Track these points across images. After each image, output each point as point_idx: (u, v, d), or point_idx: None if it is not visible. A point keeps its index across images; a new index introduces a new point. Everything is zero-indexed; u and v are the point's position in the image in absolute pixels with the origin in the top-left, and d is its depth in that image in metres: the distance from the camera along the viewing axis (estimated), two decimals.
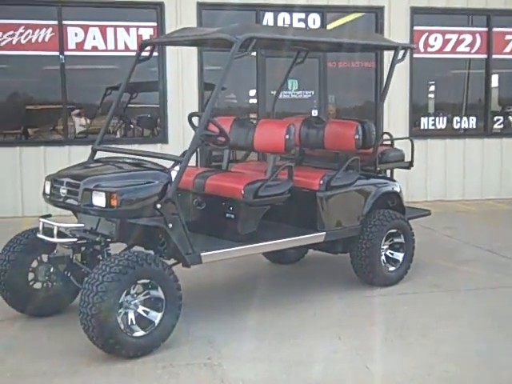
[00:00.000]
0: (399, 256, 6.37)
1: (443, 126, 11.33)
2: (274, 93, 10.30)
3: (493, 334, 5.16)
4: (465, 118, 11.38)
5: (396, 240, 6.36)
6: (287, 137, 5.61)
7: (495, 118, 11.53)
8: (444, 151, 11.20)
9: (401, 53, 6.47)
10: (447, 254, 7.53)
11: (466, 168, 11.25)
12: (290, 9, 10.60)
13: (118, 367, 4.48)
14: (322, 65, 10.67)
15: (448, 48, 11.17)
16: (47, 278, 5.33)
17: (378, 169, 6.36)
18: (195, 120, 5.52)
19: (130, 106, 10.89)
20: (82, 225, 5.05)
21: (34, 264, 5.31)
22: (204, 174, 5.79)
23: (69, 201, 4.96)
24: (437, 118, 11.28)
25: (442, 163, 11.17)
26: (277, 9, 10.54)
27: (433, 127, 11.28)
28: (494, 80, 11.82)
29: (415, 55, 10.93)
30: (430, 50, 11.10)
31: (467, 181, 11.22)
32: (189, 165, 6.04)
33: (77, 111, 10.62)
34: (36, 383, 4.28)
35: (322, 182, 5.89)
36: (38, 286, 5.36)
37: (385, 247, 6.29)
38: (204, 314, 5.50)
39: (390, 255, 6.35)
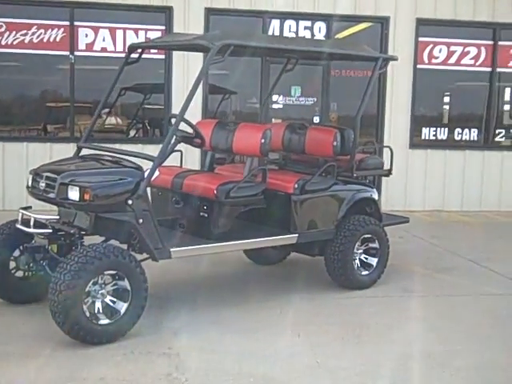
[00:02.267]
0: (373, 261, 6.56)
1: (444, 137, 11.43)
2: (277, 99, 10.87)
3: (451, 337, 5.33)
4: (466, 130, 11.47)
5: (371, 245, 6.54)
6: (263, 141, 5.85)
7: (497, 131, 11.59)
8: (444, 162, 11.30)
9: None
10: (428, 262, 7.68)
11: (465, 179, 11.34)
12: (296, 16, 10.80)
13: (82, 352, 4.74)
14: (326, 72, 10.86)
15: (452, 60, 11.28)
16: (28, 267, 5.60)
17: (355, 175, 6.54)
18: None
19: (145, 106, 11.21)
20: (56, 217, 5.34)
21: (17, 253, 5.59)
22: (183, 174, 6.05)
23: (47, 194, 5.24)
24: (438, 129, 11.38)
25: (441, 174, 11.27)
26: (283, 16, 10.74)
27: (434, 138, 11.39)
28: (507, 93, 11.91)
29: (419, 66, 11.10)
30: (434, 61, 11.22)
31: (466, 192, 11.30)
32: (172, 165, 6.41)
33: (106, 110, 10.94)
34: (2, 364, 4.54)
35: (296, 185, 6.10)
36: (19, 274, 5.65)
37: (359, 251, 6.48)
38: (178, 307, 5.75)
39: (365, 259, 6.54)
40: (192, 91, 5.34)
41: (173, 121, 5.81)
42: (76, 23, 10.15)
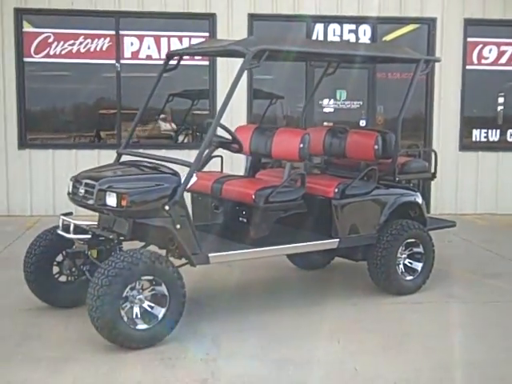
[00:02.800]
0: (418, 266, 6.41)
1: (496, 139, 11.14)
2: (321, 103, 10.79)
3: (496, 345, 5.15)
4: None
5: (415, 250, 6.40)
6: (301, 145, 5.79)
7: None
8: (496, 164, 11.01)
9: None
10: (477, 267, 7.47)
11: None
12: (340, 20, 10.71)
13: (120, 356, 4.76)
14: (371, 75, 10.73)
15: (503, 60, 11.00)
16: (70, 272, 5.66)
17: (397, 179, 6.41)
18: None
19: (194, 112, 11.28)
20: (95, 223, 5.39)
21: (59, 258, 5.68)
22: (222, 179, 6.03)
23: (86, 200, 5.30)
24: (490, 131, 11.10)
25: (493, 176, 10.98)
26: (327, 20, 10.67)
27: (485, 140, 11.11)
28: None
29: (468, 67, 10.85)
30: (484, 61, 10.95)
31: None
32: (213, 170, 6.42)
33: (163, 116, 11.08)
34: (41, 367, 4.60)
35: (336, 190, 6.02)
36: (62, 278, 5.73)
37: (403, 256, 6.35)
38: (217, 312, 5.73)
39: (409, 264, 6.40)
40: (228, 97, 5.31)
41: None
42: (121, 32, 10.31)
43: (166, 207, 5.11)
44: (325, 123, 10.55)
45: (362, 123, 10.79)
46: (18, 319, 5.53)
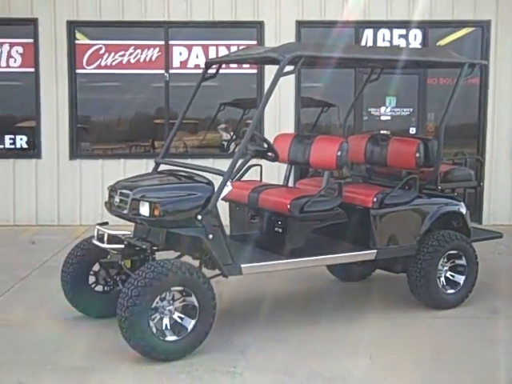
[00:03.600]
0: (460, 279, 6.20)
1: None
2: (371, 110, 10.62)
3: None
4: None
5: (457, 262, 6.20)
6: (339, 153, 5.69)
7: None
8: None
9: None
10: None
11: None
12: (390, 25, 10.53)
13: (148, 368, 4.76)
14: (422, 81, 10.50)
15: None
16: (105, 282, 5.72)
17: (440, 188, 6.22)
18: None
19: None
20: (129, 232, 5.41)
21: (96, 268, 5.73)
22: (259, 189, 5.98)
23: (121, 210, 5.33)
24: None
25: None
26: (376, 25, 10.51)
27: None
28: None
29: None
30: None
31: None
32: (252, 179, 6.38)
33: (223, 126, 11.15)
34: (70, 377, 4.65)
35: (375, 199, 5.88)
36: (99, 288, 5.77)
37: (444, 269, 6.16)
38: (249, 324, 5.67)
39: (451, 277, 6.20)
40: (262, 105, 5.28)
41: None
42: (170, 42, 10.40)
43: (199, 217, 5.08)
44: (382, 131, 10.39)
45: (412, 131, 10.56)
46: (53, 328, 5.60)
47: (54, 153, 10.36)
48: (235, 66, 10.10)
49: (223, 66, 6.67)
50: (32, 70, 10.31)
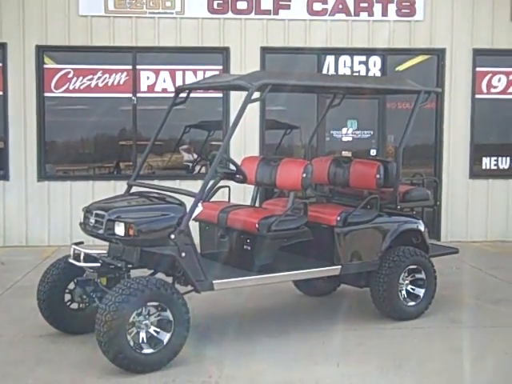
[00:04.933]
0: (420, 292, 6.56)
1: (506, 167, 11.25)
2: (333, 132, 11.01)
3: (496, 369, 5.26)
4: None
5: (417, 276, 6.56)
6: (304, 175, 6.02)
7: None
8: (506, 191, 11.11)
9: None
10: (482, 293, 7.57)
11: None
12: (351, 52, 10.96)
13: (125, 380, 4.98)
14: (382, 105, 10.94)
15: None
16: (81, 299, 5.90)
17: (399, 207, 6.58)
18: None
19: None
20: (104, 251, 5.64)
21: (71, 286, 5.92)
22: (228, 209, 6.26)
23: (97, 230, 5.55)
24: (499, 158, 11.22)
25: (503, 203, 11.08)
26: (338, 52, 10.93)
27: (495, 167, 11.23)
28: None
29: (477, 96, 11.02)
30: (493, 90, 11.12)
31: None
32: (221, 200, 6.65)
33: (185, 146, 11.38)
34: None
35: (339, 218, 6.22)
36: (74, 306, 5.96)
37: (405, 282, 6.50)
38: (221, 337, 5.92)
39: (412, 290, 6.55)
40: (231, 130, 5.57)
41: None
42: (138, 67, 10.65)
43: (172, 236, 5.35)
44: (343, 152, 10.80)
45: (373, 152, 10.98)
46: (31, 345, 5.76)
47: (21, 174, 10.47)
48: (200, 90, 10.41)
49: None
50: (0, 93, 10.45)
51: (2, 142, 10.52)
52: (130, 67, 10.64)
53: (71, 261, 5.66)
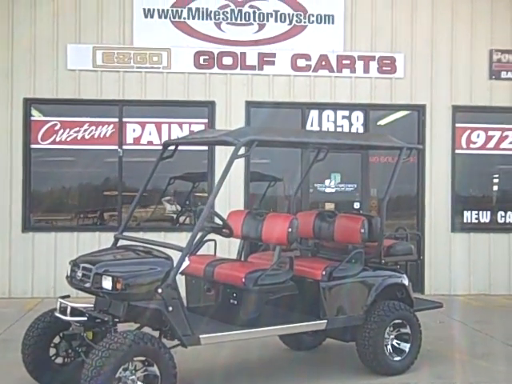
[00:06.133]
0: (405, 346, 6.58)
1: (487, 220, 11.42)
2: (317, 185, 11.15)
3: None
4: (510, 213, 11.44)
5: (402, 330, 6.59)
6: (290, 230, 6.10)
7: None
8: (488, 245, 11.25)
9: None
10: (468, 348, 7.61)
11: (511, 262, 11.24)
12: (334, 107, 11.20)
13: None
14: (365, 159, 11.12)
15: (491, 144, 11.40)
16: (66, 354, 5.87)
17: (383, 261, 6.66)
18: None
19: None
20: (91, 305, 5.63)
21: (57, 340, 5.88)
22: (214, 263, 6.30)
23: (83, 283, 5.56)
24: (480, 212, 11.39)
25: (485, 257, 11.21)
26: (321, 107, 11.16)
27: (476, 221, 11.39)
28: None
29: (457, 151, 11.26)
30: (472, 146, 11.36)
31: None
32: (206, 254, 6.69)
33: (168, 198, 11.43)
34: None
35: (324, 272, 6.27)
36: (59, 360, 5.91)
37: (391, 337, 6.53)
38: None
39: (397, 345, 6.57)
40: (218, 184, 5.64)
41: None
42: (124, 119, 10.79)
43: (159, 290, 5.36)
44: (326, 204, 10.94)
45: (356, 205, 11.12)
46: None
47: (6, 225, 10.46)
48: None
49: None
50: None
51: None
52: (116, 120, 10.78)
53: (57, 315, 5.63)
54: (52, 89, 10.59)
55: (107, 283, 5.35)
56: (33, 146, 10.64)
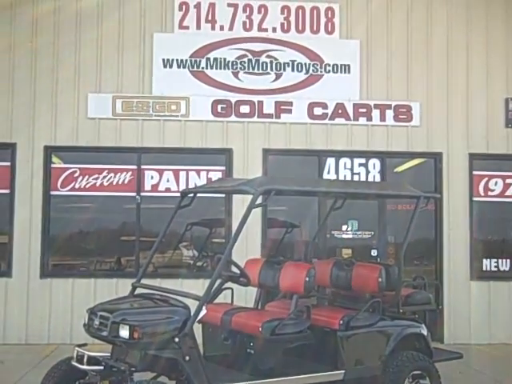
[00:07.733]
0: None
1: (507, 268, 11.30)
2: (334, 233, 11.14)
3: None
4: None
5: (421, 382, 6.50)
6: (307, 279, 6.10)
7: None
8: (508, 293, 11.12)
9: None
10: None
11: None
12: (350, 154, 11.25)
13: None
14: (382, 207, 11.11)
15: (510, 192, 11.35)
16: None
17: (401, 310, 6.61)
18: None
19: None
20: (107, 354, 5.62)
21: None
22: (231, 311, 6.30)
23: (100, 332, 5.57)
24: (499, 260, 11.29)
25: (506, 306, 11.06)
26: (338, 154, 11.21)
27: (496, 269, 11.28)
28: None
29: (475, 198, 11.22)
30: (490, 193, 11.32)
31: None
32: (223, 302, 6.69)
33: (185, 243, 11.46)
34: None
35: (341, 321, 6.24)
36: None
37: None
38: None
39: None
40: (236, 234, 5.69)
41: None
42: (143, 166, 10.90)
43: (176, 339, 5.36)
44: (344, 250, 10.92)
45: (374, 253, 11.07)
46: None
47: (24, 271, 10.51)
48: None
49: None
50: (7, 191, 10.65)
51: (7, 237, 10.62)
52: (135, 167, 10.89)
53: (74, 363, 5.63)
54: (72, 136, 10.75)
55: (124, 332, 5.36)
56: (52, 192, 10.76)
